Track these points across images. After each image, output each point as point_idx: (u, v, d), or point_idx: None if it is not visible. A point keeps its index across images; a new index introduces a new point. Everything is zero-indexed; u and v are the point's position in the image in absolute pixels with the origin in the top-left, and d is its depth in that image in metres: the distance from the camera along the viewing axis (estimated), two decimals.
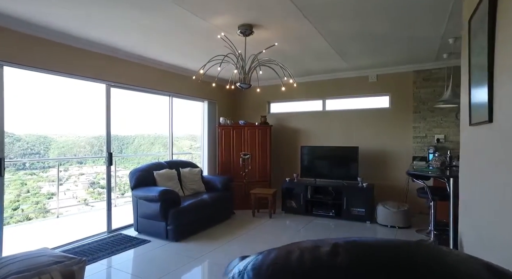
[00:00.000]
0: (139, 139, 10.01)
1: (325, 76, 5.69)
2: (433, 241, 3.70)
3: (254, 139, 5.55)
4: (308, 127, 5.92)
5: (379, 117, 5.29)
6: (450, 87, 3.68)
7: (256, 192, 5.04)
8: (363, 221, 4.69)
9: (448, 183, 3.42)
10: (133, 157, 9.14)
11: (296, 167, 5.95)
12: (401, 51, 4.18)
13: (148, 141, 10.11)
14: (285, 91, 6.24)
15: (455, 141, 4.73)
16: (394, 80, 5.17)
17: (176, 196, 3.92)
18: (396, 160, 5.16)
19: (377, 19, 3.06)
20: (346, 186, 4.86)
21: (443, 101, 3.79)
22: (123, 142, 9.85)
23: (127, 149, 9.87)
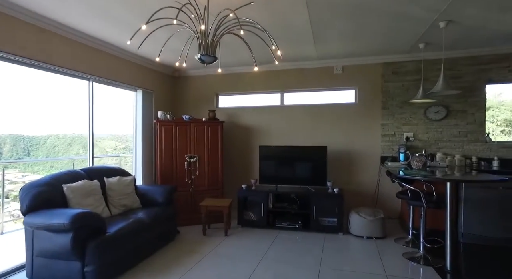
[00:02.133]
0: (53, 140, 8.02)
1: (285, 65, 4.93)
2: (422, 254, 3.19)
3: (203, 138, 4.51)
4: (265, 124, 5.10)
5: (345, 113, 4.74)
6: (442, 77, 3.23)
7: (208, 204, 4.02)
8: (335, 233, 4.05)
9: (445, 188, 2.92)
10: (45, 162, 7.20)
11: (253, 171, 5.09)
12: (382, 35, 3.63)
13: (64, 142, 8.16)
14: (236, 82, 5.35)
15: (424, 139, 4.42)
16: (361, 73, 4.67)
17: (99, 220, 2.70)
18: (363, 161, 4.67)
19: None
20: (314, 192, 4.16)
21: (434, 93, 3.34)
22: (31, 143, 7.75)
23: (36, 152, 7.78)
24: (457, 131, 4.30)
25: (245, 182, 4.97)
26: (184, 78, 5.49)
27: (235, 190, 4.93)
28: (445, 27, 3.17)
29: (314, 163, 4.37)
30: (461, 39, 3.73)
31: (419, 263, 3.11)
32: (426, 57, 4.34)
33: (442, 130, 4.35)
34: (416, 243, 3.60)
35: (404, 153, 4.30)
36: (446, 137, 4.34)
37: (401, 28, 3.39)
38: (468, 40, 3.80)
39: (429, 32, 3.47)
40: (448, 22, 3.10)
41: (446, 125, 4.33)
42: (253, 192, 4.37)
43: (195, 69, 5.31)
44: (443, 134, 4.35)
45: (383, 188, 4.57)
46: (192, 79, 5.46)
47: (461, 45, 4.00)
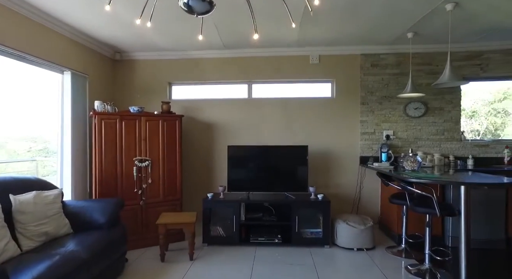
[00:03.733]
0: None
1: (254, 51, 4.24)
2: (429, 268, 2.81)
3: (156, 135, 3.56)
4: (232, 121, 4.34)
5: (321, 108, 4.25)
6: (449, 67, 2.89)
7: (167, 221, 3.10)
8: (321, 246, 3.50)
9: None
10: None
11: (221, 177, 4.29)
12: (374, 17, 3.18)
13: None
14: (194, 70, 4.46)
15: (404, 137, 4.16)
16: (338, 63, 4.23)
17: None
18: (342, 162, 4.23)
19: None
20: (295, 200, 3.55)
21: (440, 84, 2.99)
22: None
23: None
24: (435, 129, 4.13)
25: (211, 190, 4.14)
26: (129, 62, 4.41)
27: (198, 200, 4.09)
28: (452, 10, 2.84)
29: (293, 166, 3.77)
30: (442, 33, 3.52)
31: (431, 277, 2.71)
32: (404, 50, 4.08)
33: (421, 128, 4.14)
34: (410, 252, 3.25)
35: (387, 152, 3.97)
36: (425, 135, 4.14)
37: (394, 11, 2.97)
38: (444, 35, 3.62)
39: (425, 20, 3.14)
40: (455, 4, 2.77)
41: (424, 122, 4.14)
42: (221, 202, 3.57)
43: (142, 51, 4.28)
44: (422, 132, 4.14)
45: (366, 193, 4.19)
46: (138, 64, 4.41)
47: (441, 39, 3.82)
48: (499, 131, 4.53)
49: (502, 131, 4.53)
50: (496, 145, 4.08)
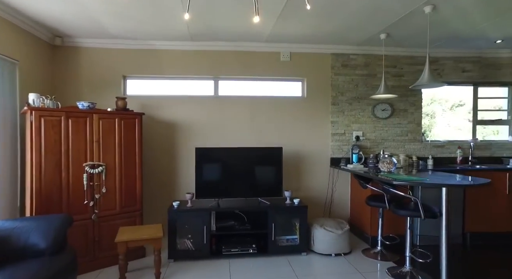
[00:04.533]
0: None
1: (222, 45, 3.90)
2: (409, 271, 2.79)
3: (112, 136, 3.02)
4: (196, 120, 3.93)
5: (292, 108, 4.08)
6: (428, 69, 2.89)
7: (129, 238, 2.62)
8: (298, 253, 3.31)
9: None
10: None
11: (187, 183, 3.86)
12: (353, 14, 3.08)
13: None
14: (153, 62, 3.94)
15: (372, 138, 4.19)
16: (309, 62, 4.10)
17: None
18: (313, 164, 4.11)
19: None
20: (271, 205, 3.32)
21: (419, 86, 2.99)
22: None
23: None
24: (400, 130, 4.23)
25: (176, 197, 3.71)
26: (73, 50, 3.73)
27: (162, 210, 3.65)
28: (430, 12, 2.85)
29: (266, 169, 3.52)
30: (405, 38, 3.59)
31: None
32: (372, 51, 4.11)
33: (387, 129, 4.21)
34: (385, 255, 3.24)
35: (357, 153, 3.95)
36: (391, 137, 4.22)
37: (378, 9, 2.90)
38: (410, 39, 3.72)
39: (402, 21, 3.13)
40: (433, 7, 2.78)
41: (390, 124, 4.22)
42: (189, 211, 3.17)
43: (90, 37, 3.65)
44: (388, 133, 4.21)
45: (338, 195, 4.12)
46: (85, 52, 3.76)
47: (403, 43, 3.91)
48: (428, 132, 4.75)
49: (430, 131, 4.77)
50: (450, 146, 4.33)
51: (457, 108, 4.86)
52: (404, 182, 2.62)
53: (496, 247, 3.54)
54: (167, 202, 3.81)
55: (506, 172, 3.75)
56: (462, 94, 4.50)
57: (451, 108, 4.92)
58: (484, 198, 3.68)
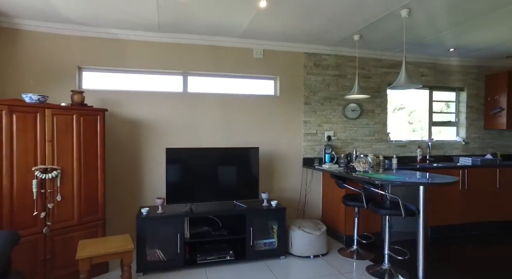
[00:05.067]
0: None
1: (193, 38, 3.64)
2: (388, 268, 2.84)
3: (69, 136, 2.61)
4: (164, 119, 3.61)
5: (266, 107, 3.97)
6: (404, 70, 2.96)
7: (93, 254, 2.26)
8: (276, 257, 3.20)
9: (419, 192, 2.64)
10: None
11: (157, 187, 3.53)
12: (333, 15, 3.05)
13: None
14: (113, 53, 3.51)
15: (342, 138, 4.25)
16: (282, 60, 4.02)
17: None
18: (286, 164, 4.04)
19: None
20: (248, 209, 3.16)
21: (397, 86, 3.05)
22: None
23: None
24: (368, 130, 4.36)
25: (144, 203, 3.35)
26: (13, 32, 3.18)
27: (128, 218, 3.29)
28: (407, 17, 2.93)
29: (242, 170, 3.35)
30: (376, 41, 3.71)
31: (391, 277, 2.72)
32: (343, 52, 4.18)
33: (357, 129, 4.31)
34: (361, 253, 3.28)
35: (330, 153, 3.97)
36: (360, 137, 4.33)
37: (357, 10, 2.91)
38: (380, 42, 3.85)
39: (379, 23, 3.19)
40: (409, 11, 2.86)
41: (359, 124, 4.32)
42: (160, 218, 2.87)
43: (35, 19, 3.14)
44: (357, 133, 4.31)
45: (313, 196, 4.09)
46: (30, 36, 3.22)
47: (372, 46, 4.04)
48: None
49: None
50: (411, 146, 4.58)
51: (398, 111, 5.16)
52: (387, 182, 2.65)
53: (454, 238, 3.80)
54: (133, 209, 3.44)
55: (458, 169, 4.06)
56: (403, 98, 4.76)
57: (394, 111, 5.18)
58: (440, 193, 3.94)
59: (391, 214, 2.69)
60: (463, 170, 4.07)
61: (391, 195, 2.74)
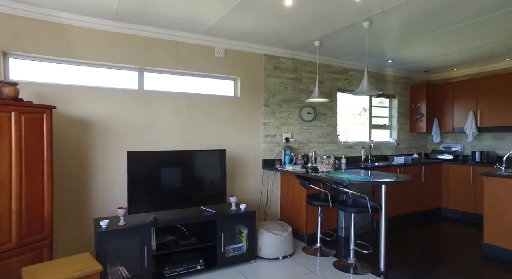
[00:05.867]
0: None
1: (151, 31, 3.32)
2: (353, 263, 3.03)
3: (7, 138, 2.12)
4: (118, 119, 3.21)
5: (227, 108, 3.85)
6: (366, 78, 3.19)
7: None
8: (246, 262, 3.13)
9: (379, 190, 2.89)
10: None
11: (110, 196, 3.10)
12: (302, 19, 3.13)
13: None
14: (54, 38, 2.95)
15: (299, 140, 4.40)
16: (244, 61, 3.97)
17: None
18: (247, 166, 3.99)
19: None
20: (218, 214, 3.02)
21: (360, 92, 3.25)
22: None
23: None
24: (321, 132, 4.60)
25: (99, 214, 2.91)
26: None
27: (80, 234, 2.84)
28: (368, 28, 3.17)
29: (209, 174, 3.19)
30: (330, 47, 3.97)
31: (356, 271, 2.91)
32: (300, 57, 4.34)
33: (311, 131, 4.51)
34: (324, 251, 3.44)
35: (289, 155, 4.07)
36: (314, 138, 4.54)
37: (323, 18, 3.05)
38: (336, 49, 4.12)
39: (340, 32, 3.39)
40: (370, 23, 3.11)
41: (314, 126, 4.53)
42: (124, 230, 2.54)
43: None
44: (312, 135, 4.51)
45: (276, 196, 4.12)
46: None
47: (328, 53, 4.29)
48: None
49: None
50: (356, 147, 5.00)
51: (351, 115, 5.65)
52: (356, 182, 2.82)
53: (395, 228, 4.27)
54: (82, 224, 2.97)
55: (396, 167, 4.59)
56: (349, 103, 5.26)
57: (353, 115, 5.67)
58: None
59: (359, 212, 2.89)
60: (400, 167, 4.62)
61: (360, 194, 2.93)
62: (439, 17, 3.00)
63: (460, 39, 3.69)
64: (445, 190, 5.10)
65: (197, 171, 3.11)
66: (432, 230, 4.32)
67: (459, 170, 4.94)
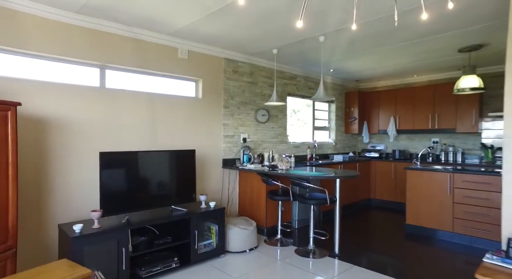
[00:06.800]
0: None
1: (117, 27, 3.22)
2: (313, 249, 3.43)
3: None
4: (78, 117, 3.03)
5: (190, 108, 3.92)
6: (322, 86, 3.62)
7: None
8: (217, 256, 3.28)
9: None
10: None
11: (75, 199, 2.91)
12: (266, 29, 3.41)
13: None
14: (6, 29, 2.62)
15: (255, 140, 4.68)
16: (205, 63, 4.08)
17: None
18: (208, 165, 4.11)
19: None
20: (190, 212, 3.10)
21: (317, 98, 3.65)
22: None
23: None
24: (274, 133, 4.96)
25: (65, 219, 2.71)
26: None
27: (44, 242, 2.62)
28: (323, 41, 3.61)
29: (179, 174, 3.24)
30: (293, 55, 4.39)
31: (315, 256, 3.31)
32: (256, 62, 4.63)
33: (265, 132, 4.83)
34: (283, 241, 3.77)
35: (248, 154, 4.32)
36: (267, 139, 4.87)
37: (288, 30, 3.40)
38: (290, 57, 4.54)
39: (296, 43, 3.78)
40: (325, 37, 3.57)
41: (267, 127, 4.87)
42: (100, 234, 2.46)
43: None
44: (266, 135, 4.84)
45: (226, 193, 4.29)
46: None
47: (283, 60, 4.69)
48: None
49: None
50: (303, 146, 5.52)
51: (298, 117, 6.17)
52: (317, 177, 3.22)
53: None
54: (46, 230, 2.72)
55: (337, 164, 5.23)
56: (296, 106, 5.81)
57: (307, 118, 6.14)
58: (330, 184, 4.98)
59: (319, 203, 3.30)
60: (340, 164, 5.26)
61: (320, 188, 3.34)
62: (374, 40, 3.61)
63: (384, 58, 4.48)
64: (373, 183, 5.97)
65: (168, 171, 3.14)
66: (365, 217, 5.06)
67: (383, 165, 5.85)
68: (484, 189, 3.60)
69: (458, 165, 4.98)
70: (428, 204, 4.04)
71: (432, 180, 4.01)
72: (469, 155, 5.31)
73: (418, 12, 2.85)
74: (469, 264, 3.15)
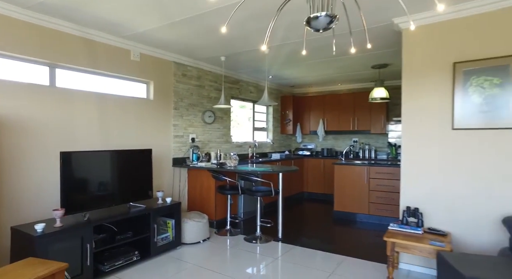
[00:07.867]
0: None
1: (68, 26, 3.21)
2: (260, 235, 3.90)
3: None
4: (28, 116, 2.95)
5: (141, 109, 4.03)
6: (267, 92, 4.10)
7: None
8: (174, 248, 3.51)
9: None
10: None
11: (24, 199, 2.82)
12: (216, 40, 3.78)
13: None
14: None
15: (202, 140, 4.97)
16: (156, 66, 4.23)
17: None
18: (160, 164, 4.26)
19: None
20: (149, 208, 3.28)
21: (261, 103, 4.11)
22: None
23: None
24: (219, 133, 5.32)
25: (25, 220, 2.63)
26: None
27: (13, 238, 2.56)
28: (268, 52, 4.12)
29: (137, 172, 3.37)
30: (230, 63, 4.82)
31: (262, 241, 3.80)
32: (203, 67, 4.94)
33: (211, 132, 5.16)
34: (232, 231, 4.18)
35: (197, 153, 4.60)
36: (213, 139, 5.21)
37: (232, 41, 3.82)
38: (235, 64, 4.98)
39: (242, 52, 4.21)
40: (269, 48, 4.08)
41: (213, 128, 5.20)
42: (63, 232, 2.51)
43: None
44: (212, 135, 5.17)
45: (177, 190, 4.49)
46: None
47: (225, 65, 5.09)
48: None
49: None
50: (245, 145, 5.99)
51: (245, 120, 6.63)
52: (263, 172, 3.70)
53: None
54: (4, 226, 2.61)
55: (276, 162, 5.84)
56: (236, 109, 6.29)
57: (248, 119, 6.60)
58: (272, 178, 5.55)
59: (265, 195, 3.78)
60: (278, 162, 5.88)
61: (267, 181, 3.82)
62: (310, 54, 4.27)
63: (313, 69, 5.25)
64: (305, 178, 6.76)
65: (126, 170, 3.26)
66: (300, 208, 5.77)
67: (314, 162, 6.68)
68: (389, 178, 4.56)
69: (372, 160, 6.04)
70: (351, 192, 4.89)
71: (354, 173, 4.87)
72: (380, 152, 6.45)
73: (338, 37, 3.54)
74: (379, 237, 4.00)
